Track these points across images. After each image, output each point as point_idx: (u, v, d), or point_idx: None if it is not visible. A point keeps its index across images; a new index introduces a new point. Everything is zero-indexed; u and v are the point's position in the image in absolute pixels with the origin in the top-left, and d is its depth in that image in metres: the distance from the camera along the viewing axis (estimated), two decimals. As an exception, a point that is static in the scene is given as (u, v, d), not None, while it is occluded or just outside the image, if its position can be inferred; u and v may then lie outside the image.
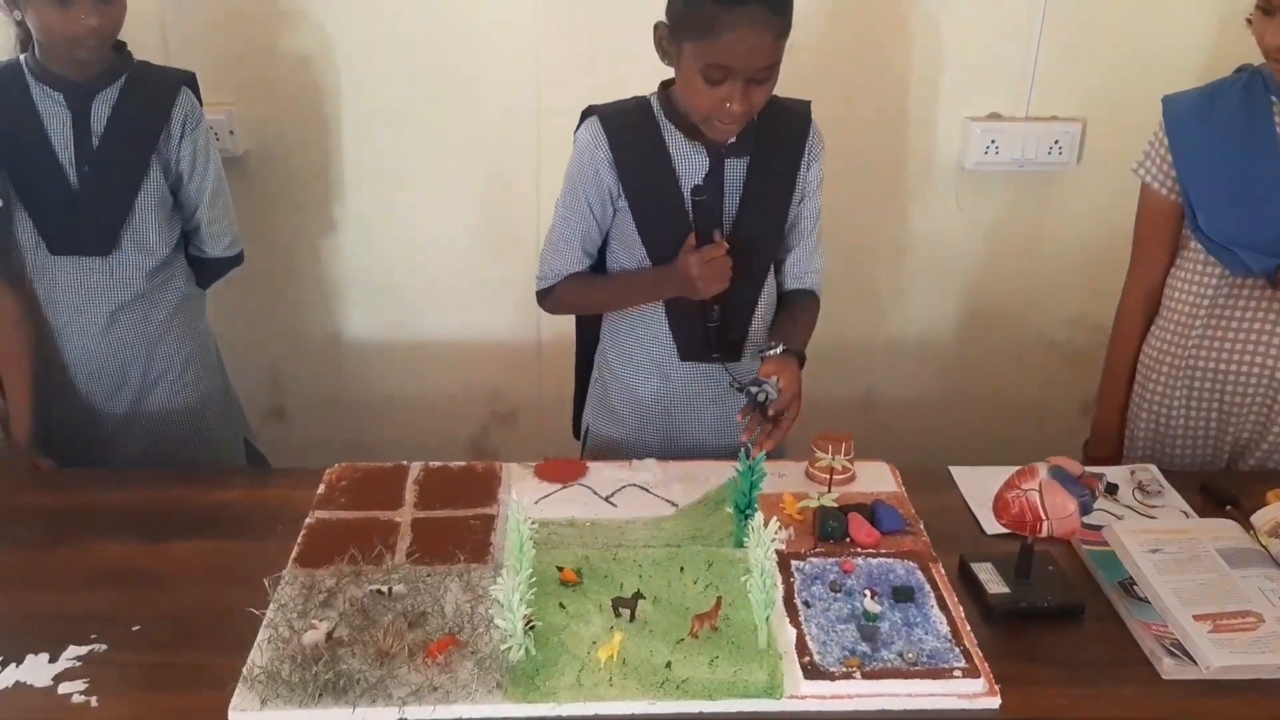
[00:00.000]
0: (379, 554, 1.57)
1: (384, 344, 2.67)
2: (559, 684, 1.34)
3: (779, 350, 1.77)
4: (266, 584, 1.49)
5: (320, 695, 1.31)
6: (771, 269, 1.94)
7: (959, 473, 1.85)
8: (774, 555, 1.39)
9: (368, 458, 1.87)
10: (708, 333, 1.86)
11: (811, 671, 1.34)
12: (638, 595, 1.45)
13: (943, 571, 1.56)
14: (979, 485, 1.79)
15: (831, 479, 1.69)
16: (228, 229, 2.15)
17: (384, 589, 1.48)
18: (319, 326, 2.64)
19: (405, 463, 1.84)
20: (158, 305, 2.06)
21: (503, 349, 2.67)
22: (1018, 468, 1.52)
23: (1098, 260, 2.57)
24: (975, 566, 1.56)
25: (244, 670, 1.35)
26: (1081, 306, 2.66)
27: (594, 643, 1.40)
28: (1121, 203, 2.18)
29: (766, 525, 1.40)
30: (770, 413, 1.71)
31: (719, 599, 1.44)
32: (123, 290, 2.01)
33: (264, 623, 1.43)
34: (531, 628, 1.38)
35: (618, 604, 1.45)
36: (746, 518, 1.58)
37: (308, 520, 1.67)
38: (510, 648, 1.36)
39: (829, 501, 1.60)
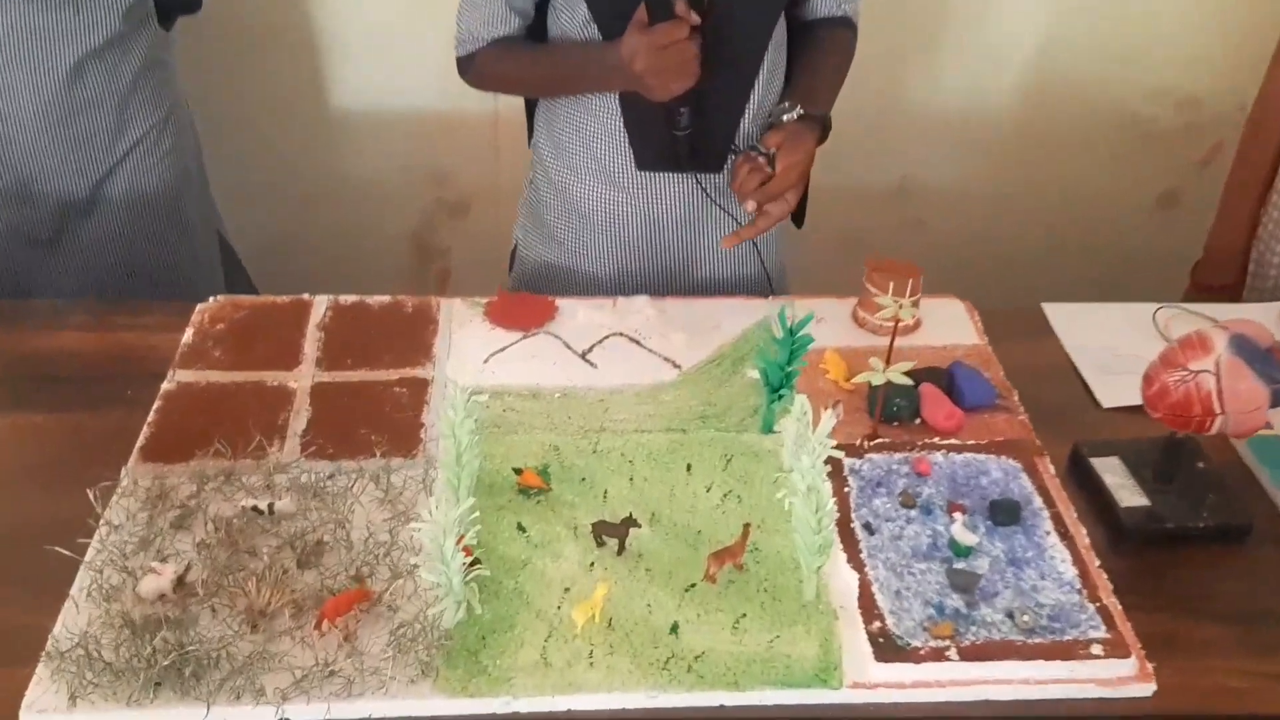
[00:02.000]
0: (259, 445, 1.11)
1: (297, 114, 2.13)
2: (515, 663, 0.92)
3: (795, 115, 1.30)
4: (92, 496, 1.03)
5: (158, 687, 0.88)
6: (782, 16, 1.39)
7: (1055, 313, 1.39)
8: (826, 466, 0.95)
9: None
10: (674, 140, 1.34)
11: (886, 649, 0.92)
12: (629, 521, 1.01)
13: (1051, 469, 1.12)
14: (1083, 332, 1.36)
15: (895, 331, 1.21)
16: None
17: (262, 506, 1.03)
18: (213, 87, 2.06)
19: (306, 296, 1.35)
20: (130, 53, 1.58)
21: (449, 122, 2.13)
22: (1179, 335, 1.06)
23: (1212, 20, 2.02)
24: (1098, 464, 1.12)
25: (48, 645, 0.91)
26: (1178, 77, 2.13)
27: (567, 590, 0.97)
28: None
29: (816, 423, 0.94)
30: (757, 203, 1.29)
31: (746, 526, 1.00)
32: (94, 32, 1.51)
33: (85, 561, 0.99)
34: (476, 573, 0.94)
35: (601, 531, 1.01)
36: (780, 398, 1.12)
37: (165, 385, 1.20)
38: (444, 610, 0.93)
39: (898, 377, 1.12)
